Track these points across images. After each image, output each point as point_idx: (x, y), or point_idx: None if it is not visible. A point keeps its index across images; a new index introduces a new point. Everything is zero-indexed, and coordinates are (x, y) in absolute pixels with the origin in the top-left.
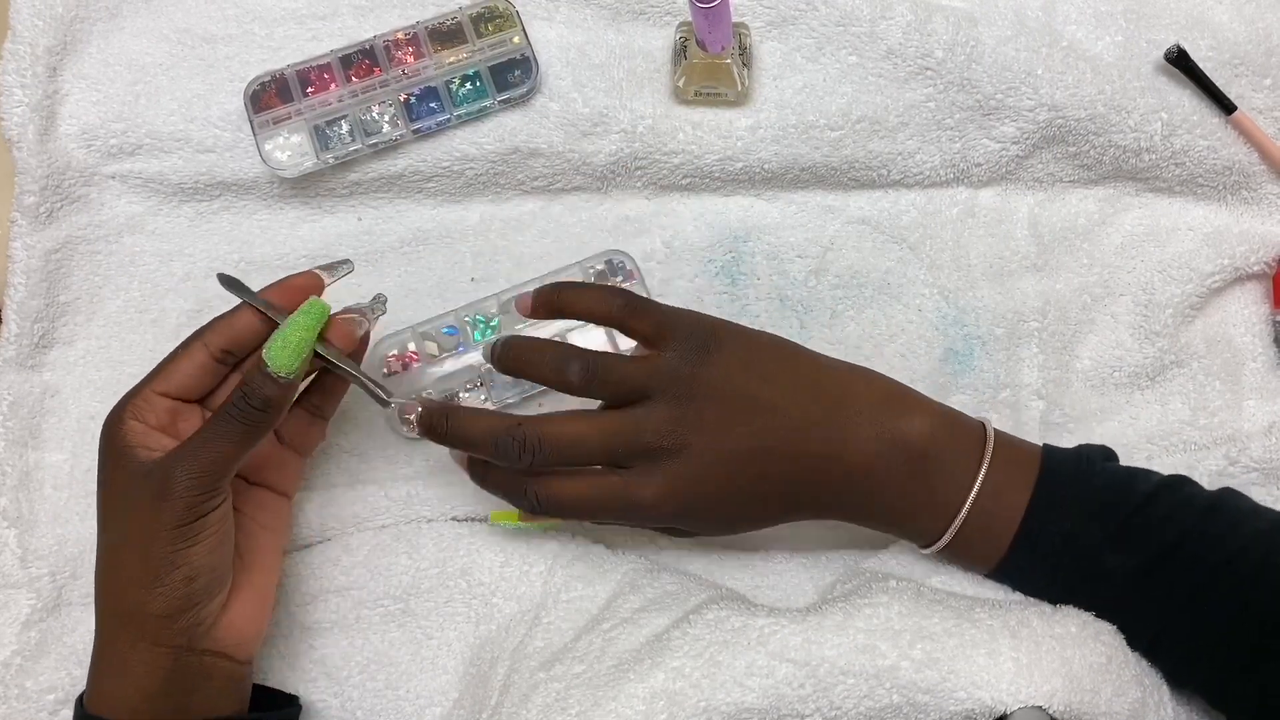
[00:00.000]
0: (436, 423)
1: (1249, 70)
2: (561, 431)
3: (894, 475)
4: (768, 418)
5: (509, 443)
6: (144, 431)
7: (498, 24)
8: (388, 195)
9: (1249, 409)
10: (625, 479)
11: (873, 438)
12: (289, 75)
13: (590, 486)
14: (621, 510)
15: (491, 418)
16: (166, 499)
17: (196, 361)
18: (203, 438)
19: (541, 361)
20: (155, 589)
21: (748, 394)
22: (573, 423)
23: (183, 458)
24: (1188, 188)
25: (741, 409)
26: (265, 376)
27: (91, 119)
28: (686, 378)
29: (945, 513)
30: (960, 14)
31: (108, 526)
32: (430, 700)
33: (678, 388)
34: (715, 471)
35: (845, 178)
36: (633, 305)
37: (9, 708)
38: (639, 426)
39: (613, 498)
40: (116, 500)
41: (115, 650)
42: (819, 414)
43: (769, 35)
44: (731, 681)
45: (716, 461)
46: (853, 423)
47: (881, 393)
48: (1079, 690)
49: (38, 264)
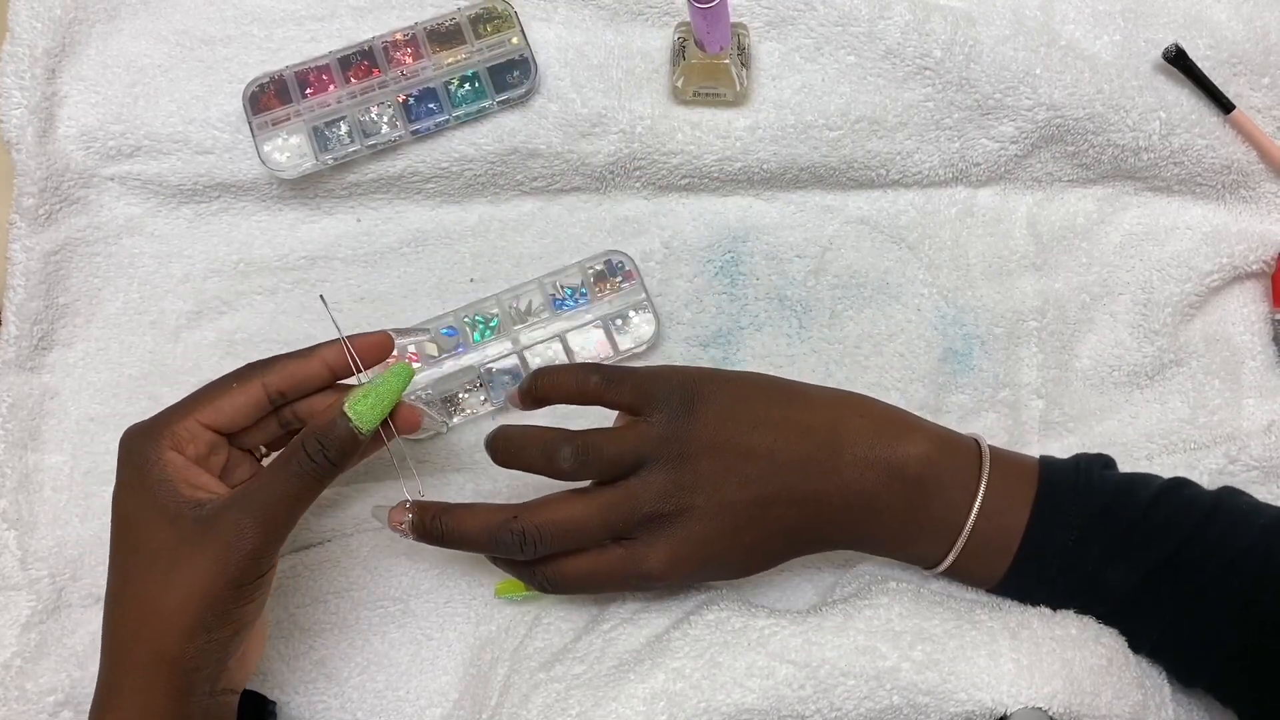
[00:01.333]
0: (431, 526)
1: (1247, 69)
2: (559, 518)
3: (893, 503)
4: (762, 465)
5: (508, 538)
6: (185, 465)
7: (496, 25)
8: (387, 196)
9: (1248, 407)
10: (630, 551)
11: (869, 468)
12: (288, 76)
13: (596, 563)
14: (632, 582)
15: (487, 512)
16: (233, 554)
17: (252, 399)
18: (270, 488)
19: (532, 452)
20: (199, 641)
21: (739, 444)
22: (569, 505)
23: (251, 510)
24: (1186, 187)
25: (735, 461)
26: (343, 428)
27: (90, 121)
28: (676, 439)
29: (946, 536)
30: (958, 13)
31: (141, 566)
32: (430, 701)
33: (669, 450)
34: (718, 528)
35: (844, 178)
36: (609, 378)
37: (9, 709)
38: (637, 497)
39: (620, 571)
40: (152, 539)
41: (129, 692)
42: (813, 451)
43: (767, 35)
44: (732, 682)
45: (718, 518)
46: (847, 456)
47: (873, 421)
48: (1079, 692)
49: (37, 266)
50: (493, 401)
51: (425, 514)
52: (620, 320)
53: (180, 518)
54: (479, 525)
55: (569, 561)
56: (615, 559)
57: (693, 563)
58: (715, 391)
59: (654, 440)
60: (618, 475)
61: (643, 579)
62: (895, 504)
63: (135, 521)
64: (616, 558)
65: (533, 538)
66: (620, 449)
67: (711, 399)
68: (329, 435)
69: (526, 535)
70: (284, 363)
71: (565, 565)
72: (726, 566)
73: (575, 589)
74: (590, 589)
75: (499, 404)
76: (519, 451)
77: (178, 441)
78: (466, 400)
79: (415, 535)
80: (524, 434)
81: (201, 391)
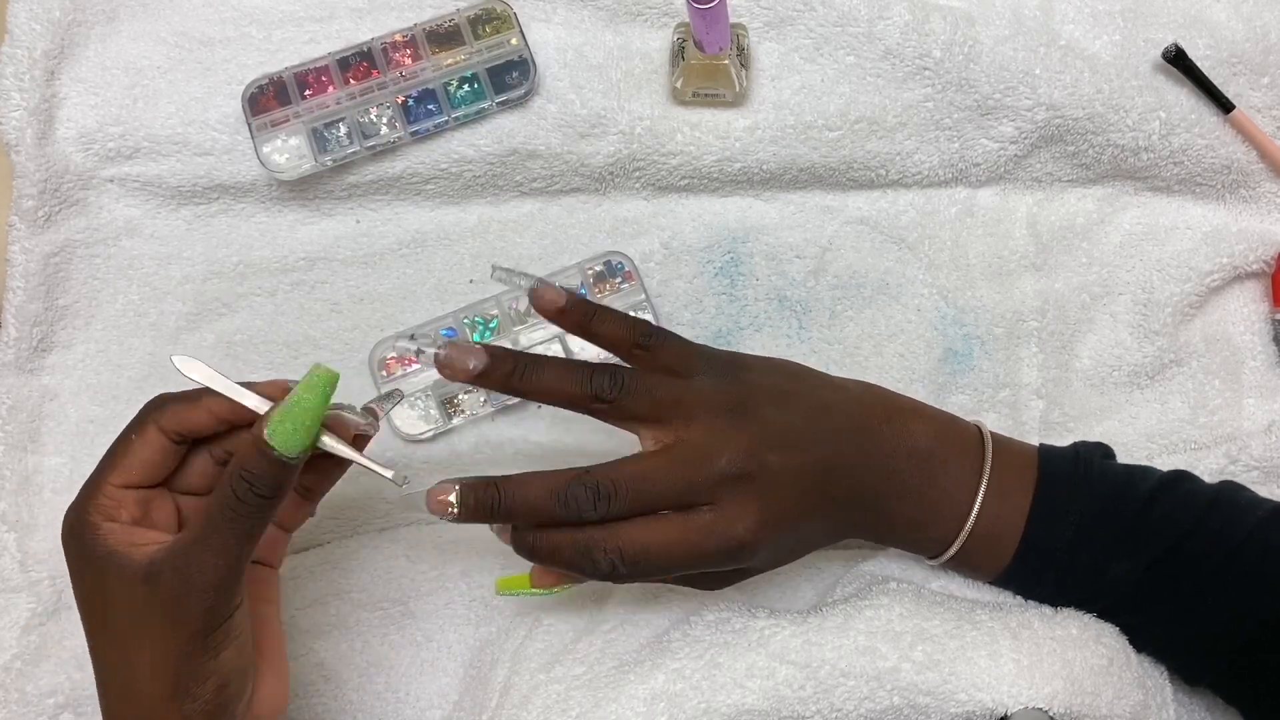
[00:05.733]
0: (485, 497)
1: (1247, 69)
2: (632, 471)
3: (909, 482)
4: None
5: (581, 491)
6: (122, 530)
7: (495, 26)
8: (386, 197)
9: (1249, 407)
10: (718, 514)
11: (889, 446)
12: (287, 78)
13: (679, 530)
14: (715, 551)
15: (548, 475)
16: (182, 609)
17: (155, 447)
18: (205, 534)
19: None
20: (185, 704)
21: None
22: (641, 461)
23: (188, 559)
24: (1186, 186)
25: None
26: (267, 459)
27: (89, 122)
28: (731, 396)
29: (954, 520)
30: (958, 14)
31: (111, 642)
32: (430, 703)
33: (726, 403)
34: (796, 490)
35: (843, 178)
36: (661, 335)
37: (9, 711)
38: (711, 454)
39: (708, 540)
40: (114, 612)
41: None
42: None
43: (767, 36)
44: (732, 683)
45: (796, 479)
46: (871, 432)
47: (885, 402)
48: (1080, 692)
49: (36, 267)
50: (492, 402)
51: (476, 488)
52: None
53: (134, 583)
54: (542, 487)
55: (644, 531)
56: (701, 525)
57: (779, 527)
58: (751, 364)
59: (705, 394)
60: (658, 418)
61: (734, 547)
62: (911, 483)
63: (95, 603)
64: (703, 524)
65: (606, 490)
66: (664, 385)
67: (751, 368)
68: (254, 470)
69: (600, 488)
70: (174, 406)
71: (641, 534)
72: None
73: (655, 568)
74: (670, 566)
75: (498, 405)
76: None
77: (107, 511)
78: (466, 401)
79: (464, 514)
80: (563, 364)
81: (108, 452)
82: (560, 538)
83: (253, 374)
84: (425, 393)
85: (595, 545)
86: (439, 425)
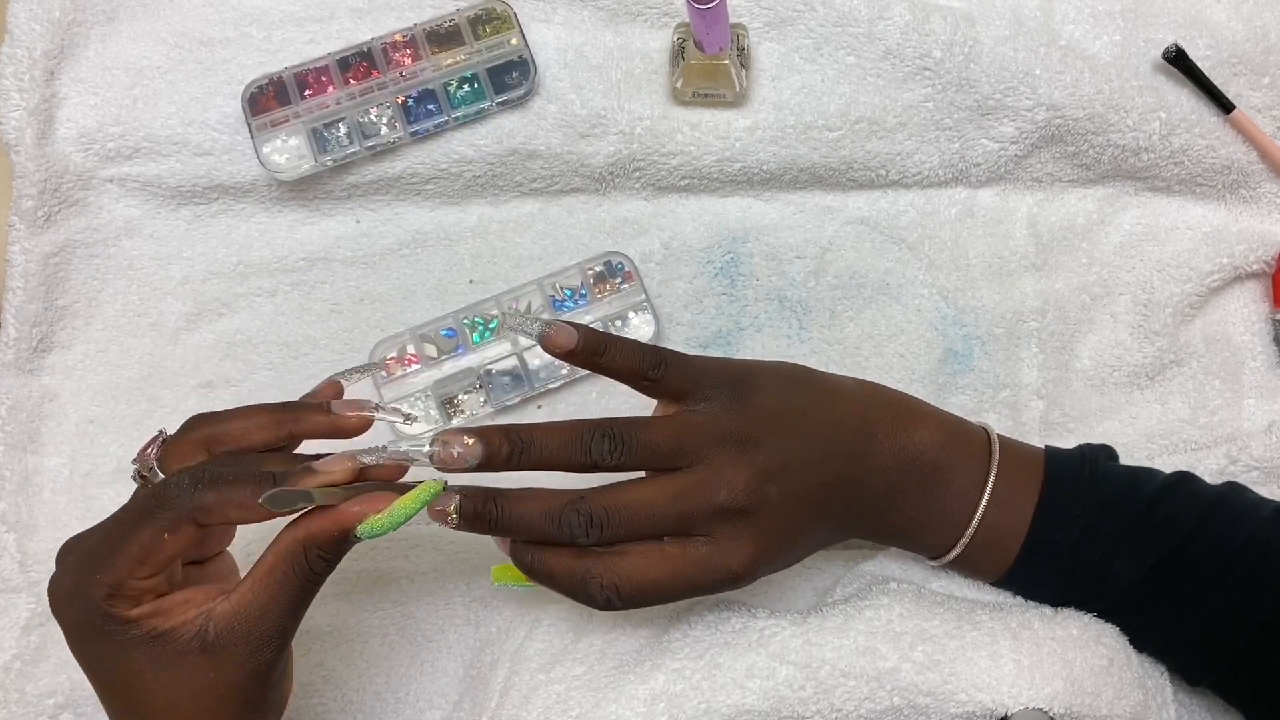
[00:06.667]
0: (483, 510)
1: (1247, 69)
2: (628, 499)
3: (911, 490)
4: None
5: (574, 518)
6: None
7: (495, 26)
8: (386, 197)
9: (1249, 408)
10: (713, 548)
11: (893, 456)
12: (286, 78)
13: (674, 564)
14: (710, 584)
15: (546, 495)
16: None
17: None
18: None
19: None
20: None
21: (796, 429)
22: (638, 488)
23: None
24: (1186, 187)
25: (796, 445)
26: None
27: (89, 122)
28: (735, 424)
29: (957, 523)
30: (958, 14)
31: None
32: (430, 703)
33: (730, 434)
34: (794, 521)
35: (844, 178)
36: (669, 359)
37: (9, 712)
38: (710, 485)
39: (703, 574)
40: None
41: None
42: (852, 440)
43: (767, 36)
44: (732, 683)
45: (792, 509)
46: (876, 445)
47: (893, 407)
48: (1080, 692)
49: (36, 268)
50: (492, 403)
51: (475, 500)
52: (620, 321)
53: (190, 657)
54: (539, 508)
55: (638, 562)
56: (696, 557)
57: (769, 557)
58: (764, 376)
59: (708, 427)
60: (659, 465)
61: (724, 580)
62: (913, 490)
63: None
64: (700, 556)
65: (600, 519)
66: (662, 434)
67: (762, 384)
68: (335, 549)
69: (594, 516)
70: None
71: (634, 566)
72: (787, 560)
73: (649, 600)
74: (666, 598)
75: (498, 405)
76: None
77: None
78: (466, 402)
79: (462, 524)
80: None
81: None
82: (557, 564)
83: (253, 374)
84: (425, 393)
85: (591, 580)
86: (439, 426)
